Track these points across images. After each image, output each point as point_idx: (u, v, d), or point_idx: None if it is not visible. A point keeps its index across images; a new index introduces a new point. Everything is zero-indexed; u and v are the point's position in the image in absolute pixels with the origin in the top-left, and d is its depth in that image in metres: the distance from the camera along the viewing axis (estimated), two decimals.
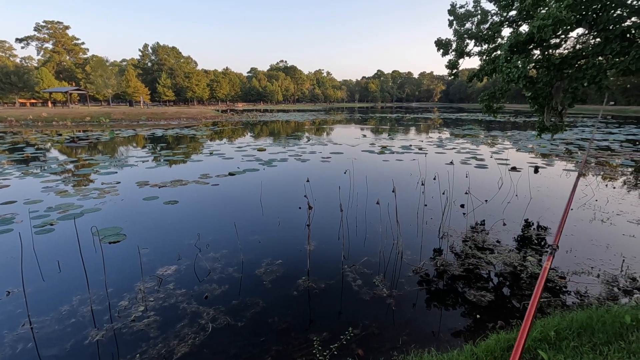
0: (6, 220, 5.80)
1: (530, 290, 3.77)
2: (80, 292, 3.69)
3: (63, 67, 73.91)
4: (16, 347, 2.91)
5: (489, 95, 7.72)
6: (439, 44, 8.50)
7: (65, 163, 11.53)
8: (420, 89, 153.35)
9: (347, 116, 46.93)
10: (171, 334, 3.05)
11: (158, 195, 7.35)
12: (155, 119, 35.45)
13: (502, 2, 7.37)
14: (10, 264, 4.21)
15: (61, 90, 51.65)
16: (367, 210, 6.19)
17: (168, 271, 4.15)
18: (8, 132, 22.86)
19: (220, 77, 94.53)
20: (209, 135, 21.02)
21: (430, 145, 16.01)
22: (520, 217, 6.10)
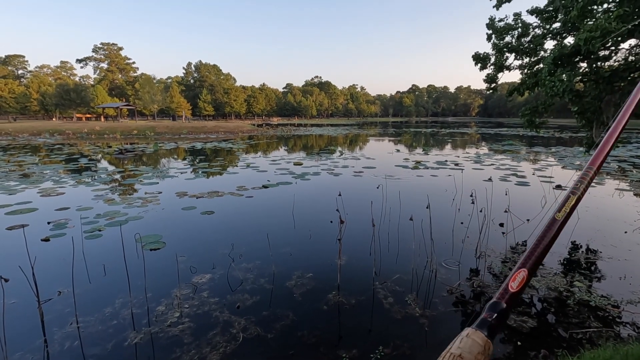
0: (60, 225, 6.28)
1: (579, 318, 3.50)
2: (122, 295, 3.90)
3: (115, 85, 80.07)
4: (64, 344, 3.11)
5: (531, 110, 7.42)
6: (476, 58, 8.33)
7: (113, 173, 12.36)
8: (457, 103, 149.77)
9: (381, 130, 46.70)
10: (204, 342, 3.13)
11: (196, 206, 7.67)
12: (196, 132, 37.25)
13: (545, 14, 7.14)
14: (62, 266, 4.53)
15: (113, 106, 55.83)
16: (400, 227, 6.08)
17: (203, 279, 4.29)
18: (65, 143, 24.94)
19: (257, 92, 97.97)
20: (244, 149, 21.72)
21: (467, 160, 15.51)
22: (566, 238, 5.71)
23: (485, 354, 0.32)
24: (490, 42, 8.16)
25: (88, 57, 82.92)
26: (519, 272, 0.38)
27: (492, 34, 8.07)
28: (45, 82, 69.21)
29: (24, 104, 65.55)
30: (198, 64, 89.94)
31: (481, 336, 0.33)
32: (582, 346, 3.04)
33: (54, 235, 5.78)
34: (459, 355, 0.32)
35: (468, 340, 0.34)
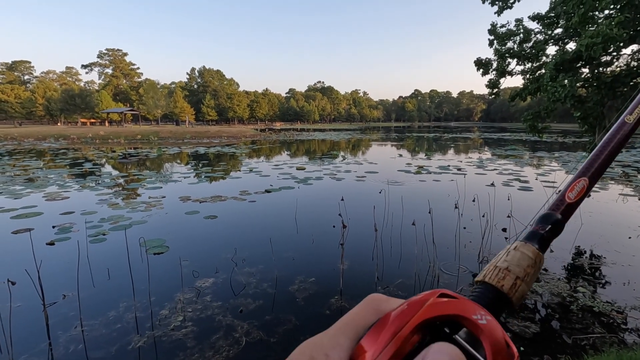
0: (65, 229, 6.33)
1: (582, 323, 3.49)
2: (126, 299, 3.93)
3: (120, 90, 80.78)
4: (69, 347, 3.14)
5: (533, 115, 7.43)
6: (478, 64, 8.38)
7: (117, 178, 12.45)
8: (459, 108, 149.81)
9: (383, 135, 46.76)
10: (207, 345, 3.14)
11: (199, 210, 7.71)
12: (199, 137, 37.46)
13: (547, 20, 7.18)
14: (67, 270, 4.57)
15: (117, 111, 56.32)
16: (402, 231, 6.08)
17: (206, 283, 4.31)
18: (70, 148, 25.15)
19: (260, 97, 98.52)
20: (247, 153, 21.81)
21: (470, 165, 15.50)
22: (569, 243, 5.69)
23: (535, 267, 0.29)
24: (492, 47, 8.21)
25: (93, 63, 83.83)
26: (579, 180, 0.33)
27: (494, 40, 8.12)
28: (51, 88, 69.95)
29: (29, 109, 66.23)
30: (201, 69, 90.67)
31: (532, 249, 0.30)
32: (585, 352, 3.03)
33: (58, 239, 5.83)
34: (506, 268, 0.29)
35: (516, 253, 0.30)
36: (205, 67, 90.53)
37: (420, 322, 0.23)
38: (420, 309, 0.24)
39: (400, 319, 0.23)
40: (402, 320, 0.23)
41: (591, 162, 0.35)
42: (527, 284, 0.29)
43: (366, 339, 0.23)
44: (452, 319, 0.24)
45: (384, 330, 0.23)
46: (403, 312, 0.24)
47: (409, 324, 0.23)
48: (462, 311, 0.23)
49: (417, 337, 0.23)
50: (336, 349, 0.24)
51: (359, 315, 0.26)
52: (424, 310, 0.24)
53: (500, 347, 0.22)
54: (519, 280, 0.29)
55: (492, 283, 0.29)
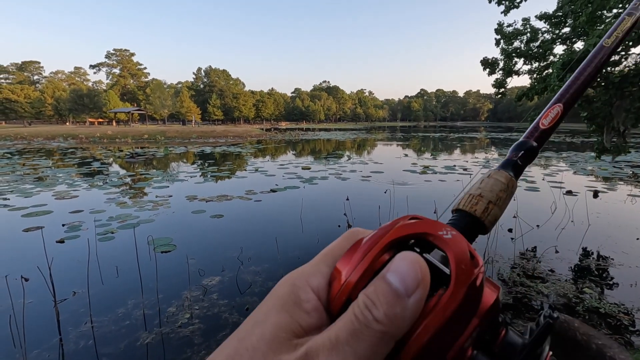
0: (74, 228, 6.44)
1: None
2: (135, 296, 4.00)
3: (127, 90, 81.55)
4: (79, 343, 3.21)
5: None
6: (485, 64, 8.34)
7: (125, 177, 12.60)
8: (466, 107, 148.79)
9: (389, 135, 46.65)
10: (214, 343, 3.19)
11: (205, 209, 7.78)
12: (205, 137, 37.70)
13: (554, 19, 7.13)
14: (77, 267, 4.66)
15: (124, 111, 56.87)
16: None
17: (212, 282, 4.37)
18: (78, 147, 25.47)
19: (266, 97, 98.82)
20: (253, 153, 21.91)
21: (476, 165, 15.42)
22: (576, 245, 5.66)
23: (507, 191, 0.31)
24: (499, 47, 8.16)
25: (101, 63, 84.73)
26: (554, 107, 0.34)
27: (500, 39, 8.07)
28: (60, 88, 70.90)
29: (38, 109, 67.20)
30: (208, 69, 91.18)
31: (505, 174, 0.32)
32: None
33: (68, 237, 5.94)
34: (479, 194, 0.31)
35: (490, 180, 0.32)
36: (211, 67, 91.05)
37: (390, 241, 0.25)
38: (390, 230, 0.26)
39: (371, 241, 0.25)
40: (372, 241, 0.25)
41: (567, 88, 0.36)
42: (499, 207, 0.31)
43: (341, 261, 0.26)
44: (420, 237, 0.25)
45: (356, 252, 0.25)
46: (374, 235, 0.26)
47: (378, 244, 0.25)
48: (428, 229, 0.25)
49: (387, 256, 0.24)
50: (316, 275, 0.26)
51: (338, 245, 0.29)
52: (393, 231, 0.25)
53: (464, 257, 0.24)
54: (491, 204, 0.30)
55: (465, 209, 0.31)
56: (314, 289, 0.25)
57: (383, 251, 0.24)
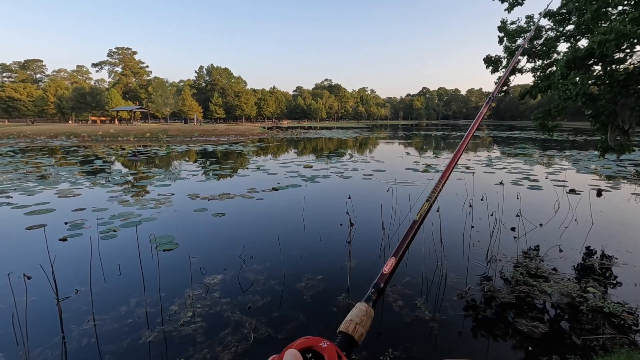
0: (77, 226, 6.45)
1: (592, 324, 3.45)
2: (137, 294, 4.00)
3: (129, 88, 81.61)
4: (82, 341, 3.21)
5: (544, 113, 7.32)
6: (488, 61, 8.28)
7: (127, 175, 12.62)
8: (468, 106, 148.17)
9: (391, 133, 46.54)
10: (216, 341, 3.19)
11: (207, 208, 7.78)
12: (207, 135, 37.71)
13: (558, 17, 7.07)
14: (79, 265, 4.67)
15: (127, 109, 56.91)
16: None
17: (215, 280, 4.36)
18: (81, 146, 25.53)
19: (268, 95, 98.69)
20: (255, 151, 21.90)
21: (479, 164, 15.36)
22: (579, 243, 5.62)
23: (367, 316, 0.53)
24: (502, 44, 8.10)
25: (103, 62, 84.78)
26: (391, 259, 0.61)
27: (503, 37, 8.01)
28: (62, 86, 71.02)
29: (41, 107, 67.34)
30: (210, 68, 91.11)
31: (365, 305, 0.55)
32: (595, 353, 3.01)
33: (71, 235, 5.95)
34: (350, 319, 0.52)
35: (358, 310, 0.54)
36: (213, 66, 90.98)
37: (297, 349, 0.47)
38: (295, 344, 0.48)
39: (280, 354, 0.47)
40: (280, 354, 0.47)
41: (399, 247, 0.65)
42: (363, 326, 0.52)
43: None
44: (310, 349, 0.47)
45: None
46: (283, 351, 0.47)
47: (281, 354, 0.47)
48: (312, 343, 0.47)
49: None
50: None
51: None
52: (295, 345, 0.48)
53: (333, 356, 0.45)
54: (358, 325, 0.51)
55: (343, 330, 0.52)
56: None
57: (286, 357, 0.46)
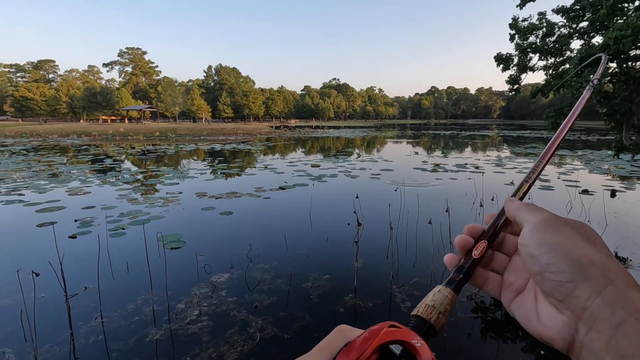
0: (86, 223, 6.52)
1: None
2: (144, 292, 4.01)
3: (139, 88, 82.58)
4: (89, 338, 3.23)
5: (556, 112, 7.17)
6: (498, 59, 8.15)
7: (136, 174, 12.74)
8: (477, 105, 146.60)
9: (399, 133, 46.28)
10: (222, 340, 3.18)
11: (215, 206, 7.80)
12: (215, 134, 37.95)
13: (572, 13, 6.91)
14: (88, 262, 4.70)
15: (136, 108, 57.60)
16: (418, 230, 6.00)
17: (221, 279, 4.36)
18: (92, 144, 25.90)
19: (275, 95, 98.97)
20: (262, 150, 21.96)
21: (488, 164, 15.16)
22: None
23: (451, 304, 0.43)
24: (513, 42, 7.96)
25: (114, 61, 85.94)
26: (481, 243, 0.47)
27: (515, 34, 7.87)
28: (74, 86, 72.20)
29: (54, 107, 68.55)
30: (218, 67, 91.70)
31: (449, 291, 0.44)
32: None
33: (80, 232, 6.01)
34: (432, 305, 0.42)
35: (440, 295, 0.43)
36: (221, 65, 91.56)
37: (378, 346, 0.33)
38: (377, 336, 0.34)
39: (364, 344, 0.33)
40: (365, 344, 0.33)
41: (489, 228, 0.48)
42: (445, 316, 0.41)
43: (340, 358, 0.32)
44: (399, 343, 0.34)
45: (352, 352, 0.32)
46: (365, 338, 0.33)
47: (370, 347, 0.32)
48: (405, 337, 0.35)
49: (375, 357, 0.33)
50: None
51: (332, 340, 0.36)
52: (379, 337, 0.34)
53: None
54: (441, 314, 0.41)
55: (423, 316, 0.41)
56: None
57: (372, 353, 0.32)
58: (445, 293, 0.44)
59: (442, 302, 0.43)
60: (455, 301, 0.44)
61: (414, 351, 0.33)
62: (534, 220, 0.38)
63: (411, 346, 0.34)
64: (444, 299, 0.43)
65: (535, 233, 0.37)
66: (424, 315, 0.41)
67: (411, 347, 0.34)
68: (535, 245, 0.36)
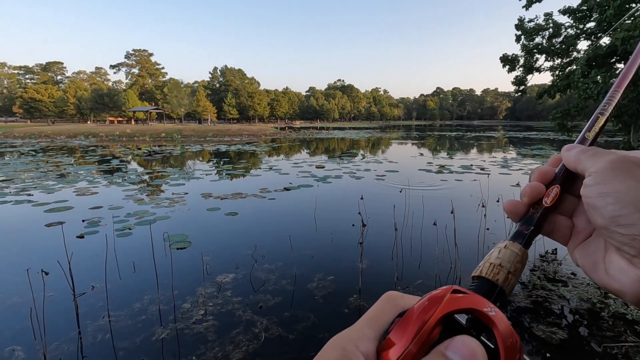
0: (94, 223, 6.60)
1: (614, 331, 3.32)
2: (151, 292, 4.05)
3: (145, 89, 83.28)
4: (97, 336, 3.27)
5: (563, 113, 7.13)
6: (504, 60, 8.11)
7: (142, 174, 12.86)
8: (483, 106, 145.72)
9: (404, 134, 46.15)
10: (227, 340, 3.20)
11: (220, 207, 7.85)
12: (220, 135, 38.15)
13: (578, 14, 6.86)
14: (95, 262, 4.76)
15: (143, 110, 58.11)
16: (423, 231, 5.98)
17: (226, 279, 4.39)
18: (99, 145, 26.16)
19: (280, 96, 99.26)
20: (267, 151, 22.03)
21: (494, 165, 15.07)
22: None
23: (522, 262, 0.34)
24: (519, 43, 7.93)
25: (121, 63, 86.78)
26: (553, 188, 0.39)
27: (521, 35, 7.84)
28: (81, 87, 73.02)
29: (61, 108, 69.38)
30: (223, 69, 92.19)
31: (519, 247, 0.35)
32: None
33: (88, 232, 6.08)
34: (499, 264, 0.33)
35: (507, 251, 0.35)
36: (227, 67, 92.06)
37: (442, 316, 0.26)
38: (440, 304, 0.27)
39: (424, 314, 0.26)
40: (425, 314, 0.26)
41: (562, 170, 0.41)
42: (516, 277, 0.34)
43: (395, 333, 0.26)
44: (467, 312, 0.27)
45: (410, 323, 0.26)
46: (425, 307, 0.27)
47: (432, 318, 0.26)
48: (475, 305, 0.27)
49: (438, 330, 0.26)
50: (364, 340, 0.27)
51: (380, 310, 0.30)
52: (443, 305, 0.26)
53: (509, 335, 0.26)
54: (510, 274, 0.33)
55: (488, 277, 0.33)
56: (363, 354, 0.26)
57: (436, 325, 0.26)
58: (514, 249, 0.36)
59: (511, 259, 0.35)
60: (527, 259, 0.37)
61: (487, 321, 0.27)
62: (596, 166, 0.33)
63: (483, 315, 0.27)
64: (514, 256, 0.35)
65: (597, 182, 0.32)
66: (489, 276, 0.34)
67: (483, 317, 0.27)
68: (597, 196, 0.31)
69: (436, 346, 0.25)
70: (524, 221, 0.38)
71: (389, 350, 0.26)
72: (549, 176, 0.40)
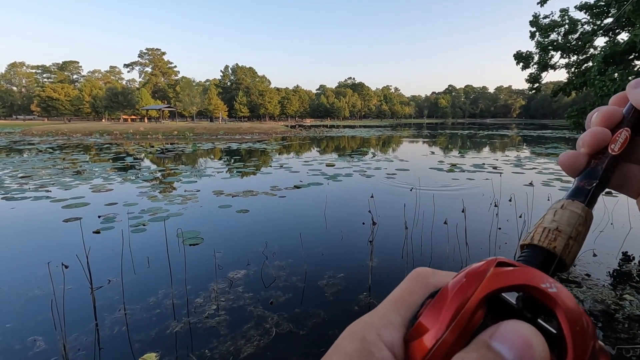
0: (109, 219, 6.76)
1: (628, 333, 3.28)
2: (165, 286, 4.15)
3: (158, 88, 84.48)
4: (113, 328, 3.37)
5: (579, 111, 7.00)
6: (518, 57, 8.00)
7: (156, 172, 13.08)
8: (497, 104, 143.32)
9: (415, 132, 45.78)
10: (239, 334, 3.26)
11: (231, 204, 7.95)
12: (231, 133, 38.47)
13: (595, 10, 6.73)
14: (111, 257, 4.89)
15: (156, 108, 58.95)
16: (434, 230, 5.96)
17: (238, 275, 4.46)
18: (113, 143, 26.69)
19: (291, 94, 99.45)
20: (278, 150, 22.13)
21: (507, 164, 14.85)
22: (616, 248, 5.34)
23: (586, 225, 0.28)
24: (534, 40, 7.81)
25: (134, 62, 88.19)
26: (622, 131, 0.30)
27: (535, 32, 7.72)
28: (97, 86, 74.46)
29: (77, 106, 70.92)
30: (235, 67, 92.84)
31: (581, 206, 0.28)
32: None
33: (104, 228, 6.24)
34: (556, 228, 0.27)
35: (565, 212, 0.28)
36: (238, 65, 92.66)
37: (485, 295, 0.20)
38: (482, 281, 0.21)
39: (462, 293, 0.21)
40: (464, 294, 0.21)
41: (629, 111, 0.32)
42: (579, 243, 0.27)
43: (426, 316, 0.21)
44: (518, 289, 0.21)
45: (445, 305, 0.21)
46: (463, 285, 0.21)
47: (473, 298, 0.20)
48: (529, 280, 0.21)
49: (481, 313, 0.20)
50: (388, 327, 0.23)
51: (407, 290, 0.25)
52: (486, 281, 0.21)
53: (577, 318, 0.20)
54: (572, 240, 0.27)
55: (542, 245, 0.26)
56: (387, 344, 0.21)
57: (478, 307, 0.20)
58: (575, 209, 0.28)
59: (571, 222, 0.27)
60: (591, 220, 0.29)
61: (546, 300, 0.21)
62: None
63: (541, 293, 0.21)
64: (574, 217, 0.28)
65: None
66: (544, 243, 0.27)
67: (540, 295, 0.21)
68: None
69: (478, 334, 0.19)
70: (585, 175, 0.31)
71: (419, 340, 0.21)
72: (615, 118, 0.31)
